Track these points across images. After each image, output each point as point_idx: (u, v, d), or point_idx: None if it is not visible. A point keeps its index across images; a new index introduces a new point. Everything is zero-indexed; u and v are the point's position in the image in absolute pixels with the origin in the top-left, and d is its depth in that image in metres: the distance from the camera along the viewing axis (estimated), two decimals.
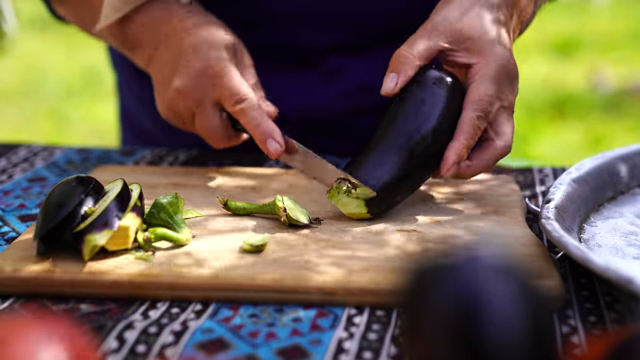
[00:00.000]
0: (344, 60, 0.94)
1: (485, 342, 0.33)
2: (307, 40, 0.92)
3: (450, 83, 0.72)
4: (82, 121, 3.17)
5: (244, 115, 0.76)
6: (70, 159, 0.93)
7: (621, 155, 0.78)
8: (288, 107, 0.94)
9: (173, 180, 0.82)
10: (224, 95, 0.76)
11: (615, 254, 0.66)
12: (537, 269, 0.62)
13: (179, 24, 0.80)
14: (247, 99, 0.76)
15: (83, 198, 0.65)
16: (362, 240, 0.68)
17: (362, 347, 0.55)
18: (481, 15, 0.72)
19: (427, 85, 0.71)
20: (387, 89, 0.72)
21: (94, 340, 0.56)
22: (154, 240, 0.65)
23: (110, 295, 0.62)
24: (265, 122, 0.76)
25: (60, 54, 4.04)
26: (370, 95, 0.96)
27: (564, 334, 0.57)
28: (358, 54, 0.94)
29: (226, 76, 0.76)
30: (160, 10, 0.81)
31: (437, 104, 0.71)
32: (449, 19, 0.72)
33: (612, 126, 2.97)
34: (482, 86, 0.70)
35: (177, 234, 0.66)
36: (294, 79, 0.95)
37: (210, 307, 0.60)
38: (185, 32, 0.79)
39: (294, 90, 0.95)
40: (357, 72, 0.95)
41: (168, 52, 0.80)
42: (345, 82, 0.95)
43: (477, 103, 0.70)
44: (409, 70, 0.71)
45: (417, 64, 0.71)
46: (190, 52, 0.78)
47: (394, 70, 0.72)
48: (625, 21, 4.35)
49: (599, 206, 0.74)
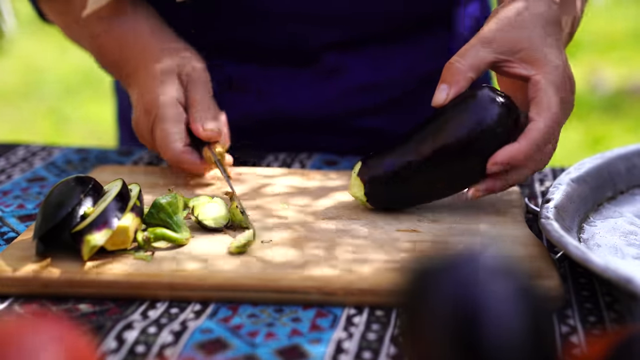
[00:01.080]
0: (341, 59, 0.94)
1: (484, 342, 0.33)
2: (303, 38, 0.92)
3: (505, 103, 0.68)
4: (81, 121, 3.17)
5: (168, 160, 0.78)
6: (69, 159, 0.93)
7: (620, 155, 0.78)
8: (284, 105, 0.94)
9: (172, 180, 0.82)
10: (157, 145, 0.78)
11: (615, 254, 0.66)
12: (537, 269, 0.62)
13: (145, 54, 0.82)
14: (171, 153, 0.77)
15: (82, 198, 0.65)
16: (362, 240, 0.67)
17: (361, 347, 0.55)
18: (533, 25, 0.70)
19: (482, 102, 0.68)
20: (439, 100, 0.69)
21: (93, 341, 0.55)
22: (153, 240, 0.65)
23: (110, 295, 0.61)
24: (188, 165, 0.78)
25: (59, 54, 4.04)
26: (370, 94, 0.96)
27: (563, 334, 0.57)
28: (356, 52, 0.94)
29: (159, 130, 0.77)
30: (126, 31, 0.84)
31: (484, 121, 0.67)
32: (501, 29, 0.70)
33: (611, 126, 2.97)
34: (551, 97, 0.67)
35: (176, 233, 0.66)
36: (292, 78, 0.94)
37: (209, 307, 0.60)
38: (144, 71, 0.81)
39: (292, 89, 0.95)
40: (356, 71, 0.95)
41: (134, 83, 0.83)
42: (344, 81, 0.95)
43: (547, 113, 0.67)
44: (462, 81, 0.69)
45: (469, 76, 0.69)
46: (144, 94, 0.80)
47: (446, 82, 0.69)
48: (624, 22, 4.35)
49: (599, 206, 0.74)
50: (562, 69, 0.69)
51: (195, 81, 0.80)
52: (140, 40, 0.84)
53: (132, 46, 0.84)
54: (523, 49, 0.69)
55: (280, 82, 0.94)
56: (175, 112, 0.77)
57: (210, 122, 0.77)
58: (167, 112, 0.77)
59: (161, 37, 0.84)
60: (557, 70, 0.68)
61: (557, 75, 0.68)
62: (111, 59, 0.86)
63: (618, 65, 3.58)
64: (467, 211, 0.74)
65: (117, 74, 0.88)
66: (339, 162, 0.92)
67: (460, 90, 0.69)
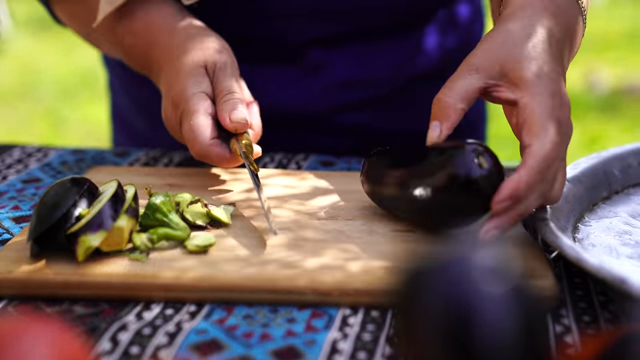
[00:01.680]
0: (325, 55, 0.94)
1: (476, 343, 0.33)
2: (287, 34, 0.92)
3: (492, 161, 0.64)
4: (78, 122, 3.17)
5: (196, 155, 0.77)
6: (64, 160, 0.93)
7: (615, 155, 0.78)
8: (270, 102, 0.94)
9: (168, 181, 0.82)
10: (185, 139, 0.77)
11: (610, 254, 0.66)
12: (532, 269, 0.62)
13: (171, 39, 0.81)
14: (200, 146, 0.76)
15: (77, 199, 0.65)
16: (357, 241, 0.67)
17: (356, 348, 0.55)
18: (522, 43, 0.65)
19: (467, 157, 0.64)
20: (432, 138, 0.66)
21: (87, 342, 0.55)
22: (157, 240, 0.65)
23: (104, 296, 0.61)
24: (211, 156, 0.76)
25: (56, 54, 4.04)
26: (354, 91, 0.96)
27: (557, 334, 0.57)
28: (340, 48, 0.94)
29: (189, 119, 0.76)
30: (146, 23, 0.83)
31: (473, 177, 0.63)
32: (487, 51, 0.66)
33: (608, 126, 2.97)
34: (543, 118, 0.62)
35: (177, 231, 0.66)
36: (275, 74, 0.94)
37: (204, 308, 0.60)
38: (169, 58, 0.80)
39: (276, 86, 0.95)
40: (340, 68, 0.94)
41: (160, 72, 0.82)
42: (327, 77, 0.95)
43: (541, 135, 0.62)
44: (453, 115, 0.65)
45: (460, 108, 0.65)
46: (172, 81, 0.79)
47: (437, 118, 0.65)
48: (620, 22, 4.36)
49: (594, 206, 0.74)
50: (554, 87, 0.64)
51: (222, 70, 0.79)
52: (162, 35, 0.82)
53: (155, 43, 0.82)
54: (511, 69, 0.64)
55: (267, 80, 0.94)
56: (203, 104, 0.76)
57: (237, 113, 0.76)
58: (194, 105, 0.76)
59: (183, 26, 0.83)
60: (547, 89, 0.63)
61: (547, 95, 0.63)
62: (140, 60, 0.85)
63: (614, 65, 3.59)
64: None
65: (148, 73, 0.86)
66: (335, 163, 0.92)
67: (453, 125, 0.65)
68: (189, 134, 0.76)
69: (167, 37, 0.82)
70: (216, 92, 0.78)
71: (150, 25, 0.83)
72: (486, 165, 0.63)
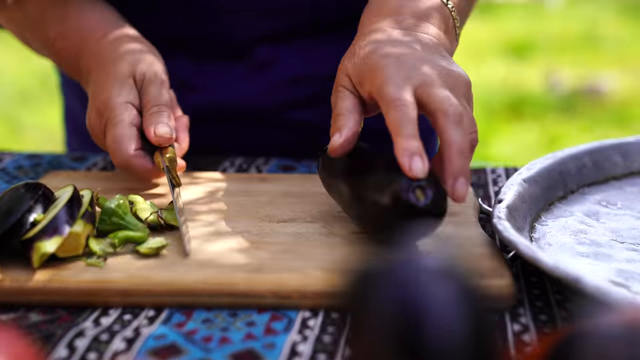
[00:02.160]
0: (273, 52, 0.94)
1: (425, 345, 0.33)
2: (234, 30, 0.91)
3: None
4: (37, 127, 3.12)
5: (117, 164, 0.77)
6: (20, 165, 0.92)
7: (571, 155, 0.79)
8: (219, 99, 0.93)
9: (126, 185, 0.81)
10: (108, 148, 0.77)
11: (565, 253, 0.67)
12: (489, 269, 0.63)
13: (98, 45, 0.81)
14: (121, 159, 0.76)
15: (32, 205, 0.64)
16: (316, 243, 0.68)
17: (316, 350, 0.55)
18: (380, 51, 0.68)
19: None
20: (334, 142, 0.67)
21: (43, 349, 0.55)
22: (118, 244, 0.65)
23: (61, 303, 0.61)
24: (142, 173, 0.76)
25: (14, 58, 3.97)
26: (302, 87, 0.96)
27: (515, 332, 0.58)
28: (288, 44, 0.94)
29: (109, 130, 0.76)
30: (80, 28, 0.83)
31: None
32: (346, 57, 0.71)
33: (567, 126, 3.01)
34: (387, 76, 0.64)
35: (136, 232, 0.66)
36: (223, 71, 0.94)
37: (163, 313, 0.60)
38: (98, 65, 0.80)
39: (224, 83, 0.94)
40: (288, 64, 0.94)
41: (89, 77, 0.81)
42: (275, 73, 0.94)
43: (385, 98, 0.63)
44: (349, 123, 0.67)
45: (355, 117, 0.67)
46: (98, 89, 0.79)
47: (337, 131, 0.67)
48: (578, 23, 4.42)
49: (550, 205, 0.75)
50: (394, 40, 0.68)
51: (152, 82, 0.79)
52: (93, 42, 0.82)
53: (86, 48, 0.82)
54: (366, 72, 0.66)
55: (213, 76, 0.94)
56: (127, 115, 0.76)
57: (162, 127, 0.76)
58: (118, 115, 0.76)
59: (116, 35, 0.82)
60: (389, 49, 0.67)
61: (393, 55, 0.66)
62: (70, 64, 0.85)
63: (573, 66, 3.64)
64: None
65: (78, 79, 0.86)
66: (296, 168, 0.92)
67: (353, 132, 0.66)
68: (112, 144, 0.76)
69: (98, 43, 0.81)
70: (143, 103, 0.78)
71: (82, 29, 0.83)
72: (422, 199, 0.61)
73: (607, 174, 0.81)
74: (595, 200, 0.77)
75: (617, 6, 4.73)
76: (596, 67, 3.64)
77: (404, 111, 0.62)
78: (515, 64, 3.71)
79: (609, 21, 4.45)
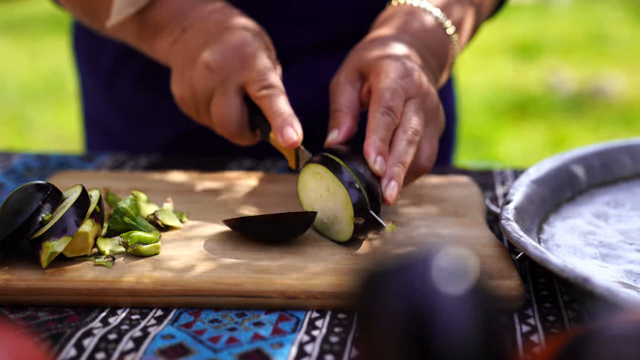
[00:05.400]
0: (315, 60, 0.94)
1: (435, 344, 0.33)
2: (282, 36, 0.91)
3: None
4: (45, 126, 3.13)
5: (267, 101, 0.73)
6: (28, 165, 0.92)
7: (579, 156, 0.79)
8: None
9: (134, 185, 0.81)
10: (252, 78, 0.74)
11: (574, 254, 0.66)
12: (497, 270, 0.62)
13: (209, 7, 0.80)
14: (273, 86, 0.74)
15: (41, 205, 0.64)
16: (324, 244, 0.68)
17: (323, 350, 0.55)
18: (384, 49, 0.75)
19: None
20: (331, 139, 0.73)
21: (51, 349, 0.55)
22: (131, 244, 0.65)
23: (69, 302, 0.61)
24: (287, 110, 0.73)
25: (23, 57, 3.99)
26: None
27: (524, 333, 0.58)
28: (329, 54, 0.94)
29: (258, 59, 0.75)
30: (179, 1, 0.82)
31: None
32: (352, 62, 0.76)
33: (573, 127, 3.01)
34: (382, 83, 0.71)
35: (148, 234, 0.66)
36: None
37: (171, 313, 0.60)
38: (219, 13, 0.79)
39: None
40: (325, 73, 0.94)
41: (200, 30, 0.79)
42: (313, 81, 0.94)
43: (379, 100, 0.70)
44: (347, 123, 0.73)
45: (351, 116, 0.73)
46: (224, 31, 0.77)
47: (335, 127, 0.73)
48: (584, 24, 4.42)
49: (558, 207, 0.75)
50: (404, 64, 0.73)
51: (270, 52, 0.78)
52: (194, 10, 0.81)
53: (193, 7, 0.81)
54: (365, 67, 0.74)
55: None
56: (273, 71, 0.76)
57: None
58: (262, 52, 0.76)
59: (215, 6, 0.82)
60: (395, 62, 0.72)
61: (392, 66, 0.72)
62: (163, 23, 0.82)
63: (579, 67, 3.64)
64: (429, 213, 0.74)
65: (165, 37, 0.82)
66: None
67: (349, 129, 0.73)
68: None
69: (200, 10, 0.81)
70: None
71: (175, 10, 0.82)
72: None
73: (615, 175, 0.81)
74: (604, 202, 0.76)
75: (624, 7, 4.72)
76: (603, 68, 3.64)
77: (391, 118, 0.70)
78: (522, 64, 3.71)
79: (616, 22, 4.44)
